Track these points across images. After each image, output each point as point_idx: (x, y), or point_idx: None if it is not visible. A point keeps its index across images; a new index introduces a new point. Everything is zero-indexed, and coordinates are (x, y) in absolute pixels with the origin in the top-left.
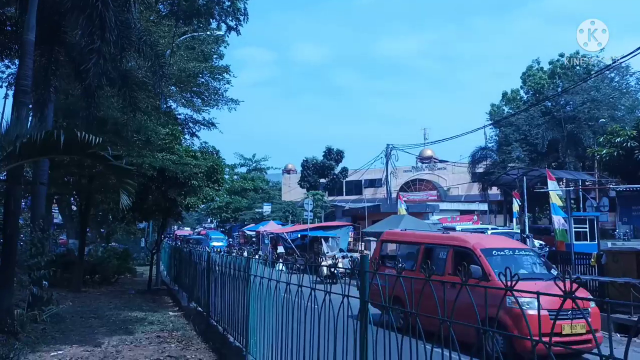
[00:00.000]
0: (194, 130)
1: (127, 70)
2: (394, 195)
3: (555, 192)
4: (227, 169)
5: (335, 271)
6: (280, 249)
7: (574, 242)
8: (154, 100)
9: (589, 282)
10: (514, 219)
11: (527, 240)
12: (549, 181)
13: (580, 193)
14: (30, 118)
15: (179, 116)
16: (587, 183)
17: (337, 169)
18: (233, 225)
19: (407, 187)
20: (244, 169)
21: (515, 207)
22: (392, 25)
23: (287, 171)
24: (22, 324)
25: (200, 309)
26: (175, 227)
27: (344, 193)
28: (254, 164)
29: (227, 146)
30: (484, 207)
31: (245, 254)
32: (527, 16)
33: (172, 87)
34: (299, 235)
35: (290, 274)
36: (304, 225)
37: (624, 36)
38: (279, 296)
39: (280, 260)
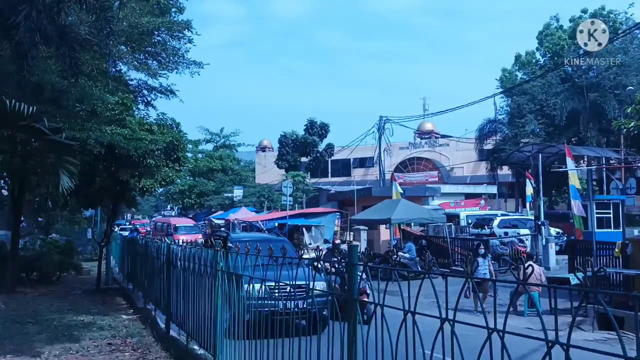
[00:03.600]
0: (149, 98)
1: (67, 26)
2: (387, 176)
3: (574, 172)
4: (190, 146)
5: (319, 265)
6: None
7: (596, 230)
8: (100, 63)
9: (612, 276)
10: (527, 204)
11: (543, 228)
12: (567, 159)
13: (604, 173)
14: None
15: (130, 82)
16: (611, 161)
17: (321, 146)
18: (198, 212)
19: (403, 166)
20: (210, 146)
21: (529, 189)
22: None
23: (261, 148)
24: None
25: (159, 310)
26: (129, 215)
27: (330, 174)
28: (222, 140)
29: (189, 118)
30: (493, 189)
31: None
32: None
33: (122, 47)
34: (277, 224)
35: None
36: (282, 213)
37: None
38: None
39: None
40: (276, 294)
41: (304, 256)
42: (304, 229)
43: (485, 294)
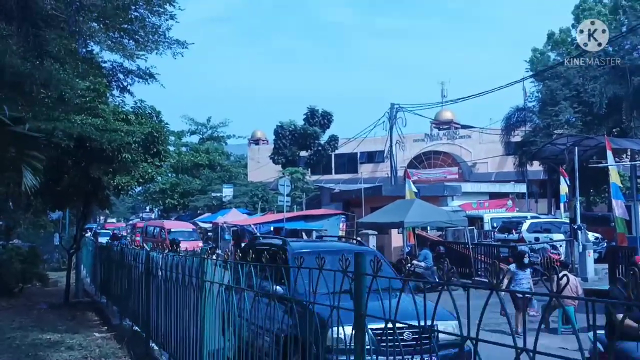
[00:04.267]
0: (125, 83)
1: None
2: (400, 173)
3: (616, 167)
4: (172, 138)
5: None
6: None
7: None
8: (68, 42)
9: None
10: (562, 205)
11: (579, 232)
12: (608, 153)
13: None
14: None
15: (103, 64)
16: None
17: (324, 138)
18: (181, 214)
19: (418, 162)
20: (195, 138)
21: (563, 188)
22: None
23: (254, 141)
24: None
25: (137, 328)
26: (102, 217)
27: (333, 170)
28: (209, 131)
29: (171, 106)
30: (522, 188)
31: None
32: None
33: (94, 24)
34: (272, 228)
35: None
36: (278, 215)
37: None
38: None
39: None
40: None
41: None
42: (303, 234)
43: (520, 312)
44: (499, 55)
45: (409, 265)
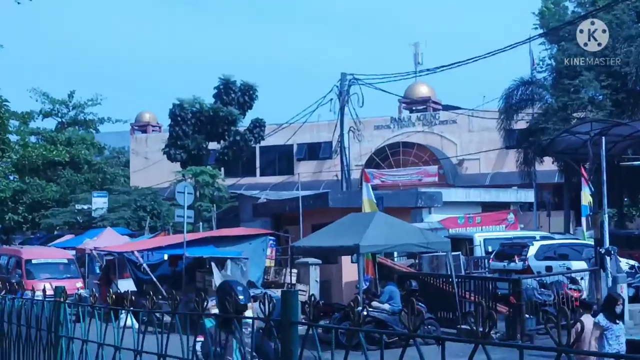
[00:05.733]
0: None
1: None
2: (355, 174)
3: None
4: (16, 122)
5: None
6: (126, 284)
7: None
8: None
9: None
10: (584, 219)
11: (608, 258)
12: None
13: None
14: None
15: None
16: None
17: (244, 123)
18: (30, 237)
19: (381, 158)
20: (51, 123)
21: (586, 196)
22: None
23: (140, 127)
24: None
25: None
26: None
27: (258, 171)
28: (72, 113)
29: (15, 77)
30: (529, 196)
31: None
32: None
33: None
34: (166, 257)
35: (144, 333)
36: (175, 237)
37: None
38: None
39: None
40: None
41: (212, 310)
42: (213, 265)
43: None
44: (496, 8)
45: (361, 308)
